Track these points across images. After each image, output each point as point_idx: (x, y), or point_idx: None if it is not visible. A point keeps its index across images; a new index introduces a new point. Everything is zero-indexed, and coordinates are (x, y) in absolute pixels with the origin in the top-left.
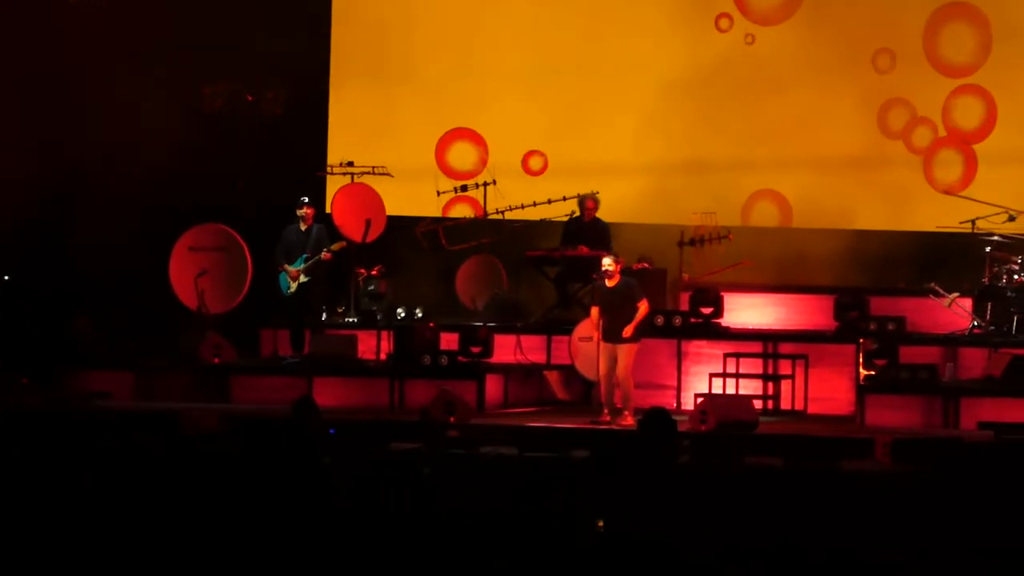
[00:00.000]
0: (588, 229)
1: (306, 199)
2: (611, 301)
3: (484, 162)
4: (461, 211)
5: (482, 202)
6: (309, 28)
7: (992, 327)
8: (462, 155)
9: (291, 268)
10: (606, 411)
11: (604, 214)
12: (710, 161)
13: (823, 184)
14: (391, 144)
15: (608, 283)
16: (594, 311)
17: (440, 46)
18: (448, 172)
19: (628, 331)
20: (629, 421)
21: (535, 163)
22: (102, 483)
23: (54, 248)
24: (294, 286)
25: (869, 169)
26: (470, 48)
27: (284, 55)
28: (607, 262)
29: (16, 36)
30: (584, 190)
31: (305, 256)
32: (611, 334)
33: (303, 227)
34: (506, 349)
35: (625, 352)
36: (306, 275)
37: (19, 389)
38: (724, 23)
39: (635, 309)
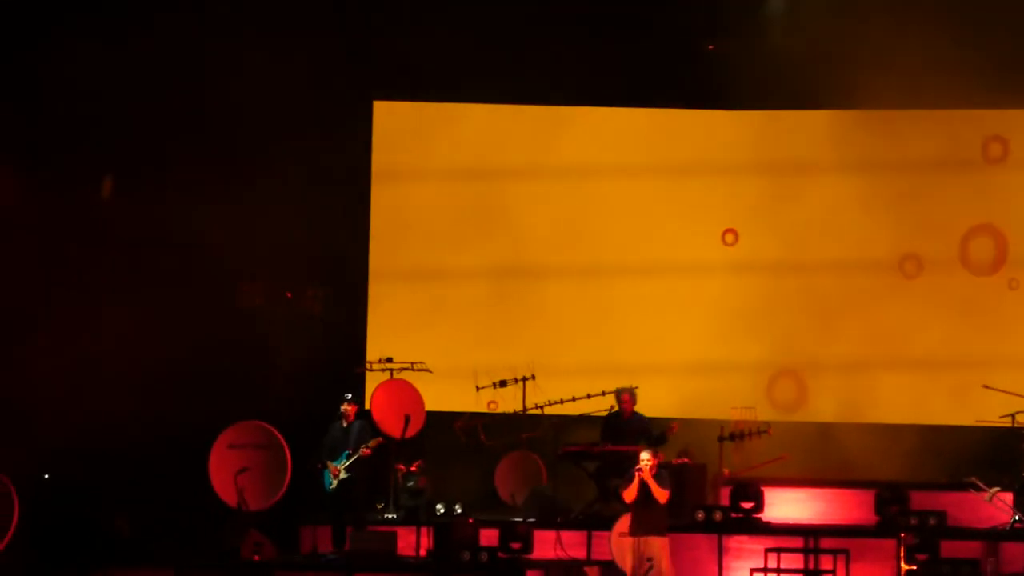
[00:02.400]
0: (627, 424)
1: (349, 396)
2: (641, 494)
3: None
4: (501, 407)
5: (521, 397)
6: (348, 227)
7: None
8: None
9: (333, 465)
10: None
11: (645, 408)
12: (748, 356)
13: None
14: (430, 340)
15: (644, 476)
16: (624, 496)
17: (479, 239)
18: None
19: (646, 475)
20: None
21: (574, 362)
22: None
23: (92, 447)
24: (335, 483)
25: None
26: (509, 242)
27: (323, 254)
28: (645, 457)
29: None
30: (623, 384)
31: (347, 453)
32: (640, 526)
33: (345, 423)
34: (546, 545)
35: (659, 546)
36: (347, 471)
37: None
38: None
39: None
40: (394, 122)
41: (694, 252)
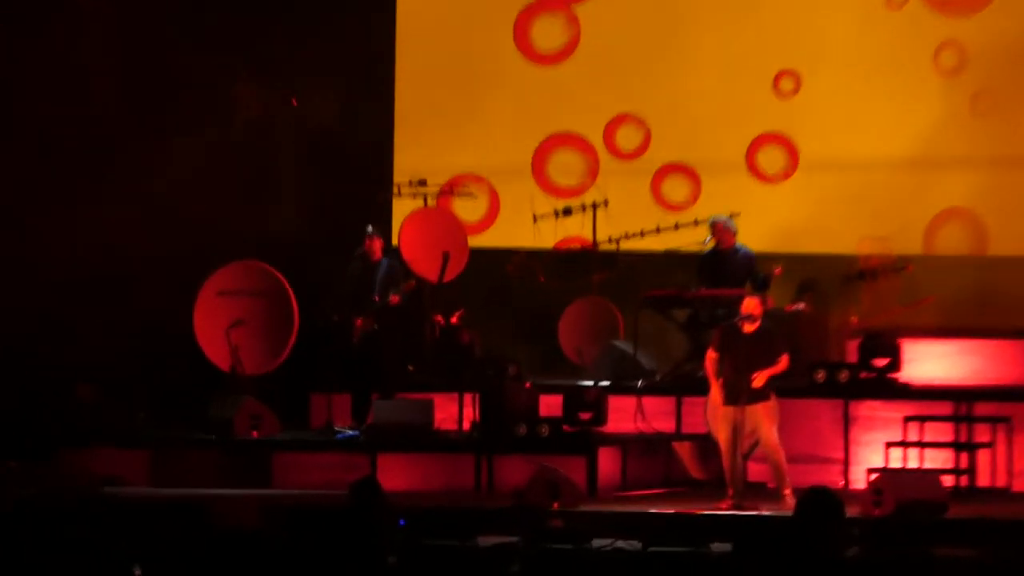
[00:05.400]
0: (727, 260)
1: (371, 228)
2: (742, 351)
3: (594, 176)
4: (566, 240)
5: (591, 229)
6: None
7: None
8: (566, 167)
9: (353, 316)
10: (730, 492)
11: (750, 240)
12: (884, 173)
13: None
14: (474, 157)
15: (745, 328)
16: (712, 356)
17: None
18: (548, 189)
19: (760, 379)
20: (788, 503)
21: (666, 182)
22: None
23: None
24: (358, 336)
25: None
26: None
27: (338, 49)
28: (751, 304)
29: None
30: (722, 211)
31: (371, 300)
32: (736, 393)
33: (366, 264)
34: (624, 415)
35: (762, 414)
36: (372, 325)
37: (3, 476)
38: None
39: (773, 362)
40: None
41: None
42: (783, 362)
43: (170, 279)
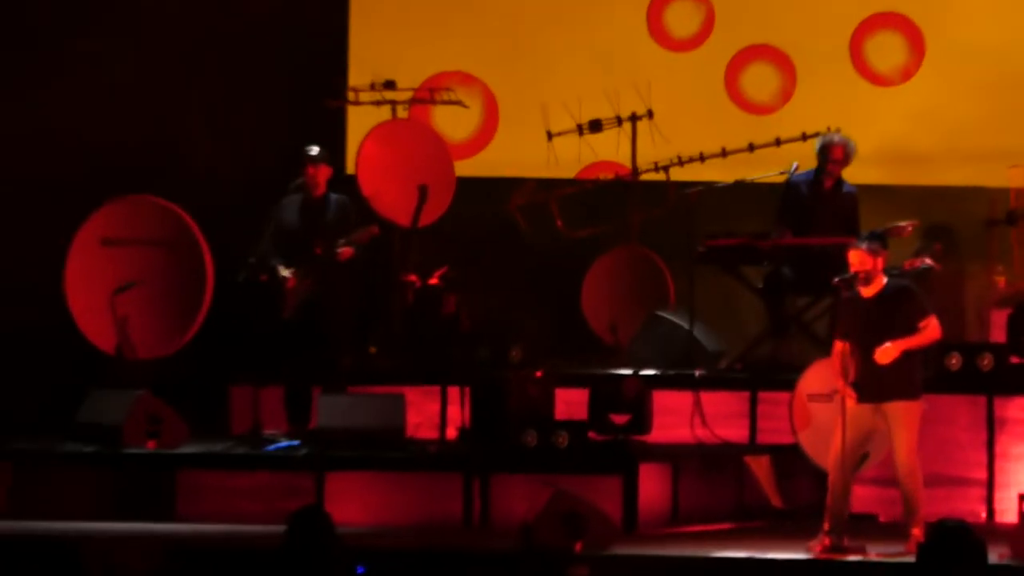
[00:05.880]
0: (827, 199)
1: (314, 150)
2: (871, 325)
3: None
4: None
5: (630, 151)
6: None
7: None
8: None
9: (287, 273)
10: (827, 527)
11: (854, 173)
12: None
13: None
14: (462, 47)
15: (864, 292)
16: (840, 346)
17: None
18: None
19: (887, 351)
20: (914, 543)
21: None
22: None
23: None
24: (292, 304)
25: None
26: None
27: None
28: (857, 258)
29: None
30: (818, 130)
31: (315, 252)
32: (871, 386)
33: (308, 199)
34: (676, 417)
35: (902, 417)
36: (314, 285)
37: None
38: None
39: (914, 331)
40: None
41: None
42: (930, 328)
43: (37, 219)
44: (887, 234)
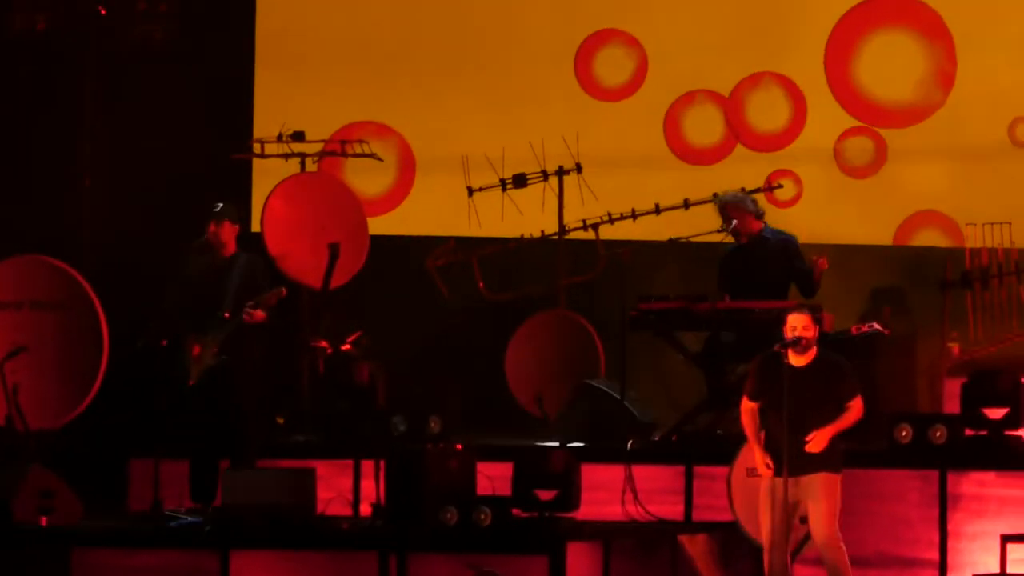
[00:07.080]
0: (753, 256)
1: (220, 207)
2: (799, 396)
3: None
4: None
5: (556, 208)
6: None
7: None
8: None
9: (193, 340)
10: None
11: (796, 226)
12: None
13: None
14: (376, 97)
15: (795, 361)
16: (749, 406)
17: None
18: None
19: (818, 440)
20: None
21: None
22: None
23: None
24: (197, 372)
25: None
26: None
27: None
28: (797, 321)
29: None
30: (756, 181)
31: (220, 316)
32: (792, 459)
33: (214, 260)
34: (607, 493)
35: (820, 489)
36: (220, 353)
37: None
38: None
39: (840, 410)
40: None
41: None
42: (855, 408)
43: None
44: (811, 281)
